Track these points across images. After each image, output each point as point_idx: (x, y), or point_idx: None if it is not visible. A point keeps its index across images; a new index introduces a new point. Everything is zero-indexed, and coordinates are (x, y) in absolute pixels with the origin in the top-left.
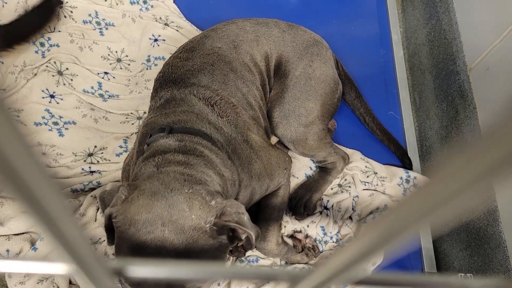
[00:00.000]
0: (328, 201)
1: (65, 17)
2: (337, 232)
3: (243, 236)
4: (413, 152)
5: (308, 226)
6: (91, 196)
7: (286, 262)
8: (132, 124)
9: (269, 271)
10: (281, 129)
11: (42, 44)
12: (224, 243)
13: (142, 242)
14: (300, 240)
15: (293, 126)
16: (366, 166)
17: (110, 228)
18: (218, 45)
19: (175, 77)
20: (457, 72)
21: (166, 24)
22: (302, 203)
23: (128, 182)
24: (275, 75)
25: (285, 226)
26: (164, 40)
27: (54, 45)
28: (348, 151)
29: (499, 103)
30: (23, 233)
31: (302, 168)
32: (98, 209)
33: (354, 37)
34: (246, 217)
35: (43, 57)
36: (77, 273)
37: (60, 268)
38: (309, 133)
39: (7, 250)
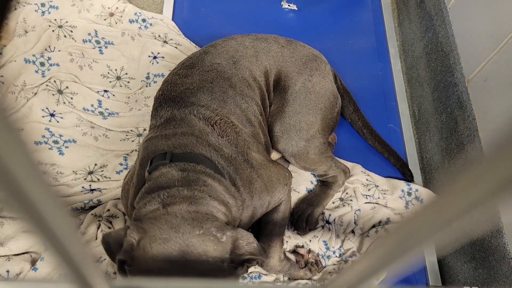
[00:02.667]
0: (330, 215)
1: (65, 36)
2: (340, 247)
3: (255, 262)
4: (413, 164)
5: (310, 241)
6: (92, 214)
7: (289, 278)
8: (132, 141)
9: (272, 287)
10: (282, 144)
11: (42, 64)
12: (240, 272)
13: None
14: (302, 256)
15: (294, 140)
16: (367, 179)
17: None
18: (218, 61)
19: (175, 95)
20: (455, 84)
21: (165, 42)
22: (304, 217)
23: (134, 223)
24: (275, 90)
25: (287, 242)
26: (163, 57)
27: (54, 65)
28: (349, 164)
29: (498, 114)
30: (23, 253)
31: (303, 182)
32: (98, 228)
33: (352, 51)
34: (256, 244)
35: (43, 76)
36: None
37: None
38: (310, 147)
39: (7, 271)
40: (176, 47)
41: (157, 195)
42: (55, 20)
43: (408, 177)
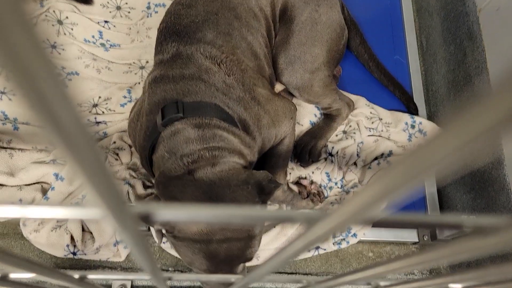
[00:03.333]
0: (333, 147)
1: None
2: (342, 178)
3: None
4: (419, 97)
5: (313, 172)
6: (99, 147)
7: (292, 208)
8: (135, 74)
9: (286, 213)
10: (286, 76)
11: None
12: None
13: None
14: (305, 187)
15: (298, 73)
16: (371, 112)
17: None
18: None
19: (179, 29)
20: (467, 13)
21: None
22: (307, 150)
23: (163, 191)
24: (280, 20)
25: (290, 173)
26: None
27: None
28: (353, 97)
29: (510, 46)
30: (34, 184)
31: (306, 115)
32: (105, 160)
33: None
34: (272, 179)
35: (42, 6)
36: (105, 217)
37: (90, 212)
38: (315, 80)
39: (20, 200)
40: None
41: (179, 159)
42: None
43: (412, 110)
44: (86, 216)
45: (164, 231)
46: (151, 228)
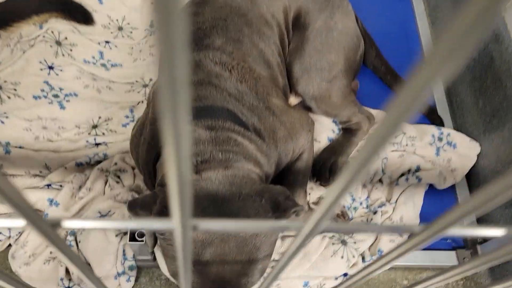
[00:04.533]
0: None
1: None
2: (367, 197)
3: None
4: (443, 110)
5: None
6: (98, 169)
7: None
8: (138, 92)
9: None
10: (302, 85)
11: None
12: None
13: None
14: None
15: (315, 81)
16: None
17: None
18: None
19: None
20: None
21: None
22: (327, 167)
23: (162, 189)
24: (294, 28)
25: (309, 194)
26: None
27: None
28: (373, 111)
29: None
30: None
31: (324, 131)
32: (106, 183)
33: None
34: (291, 196)
35: (41, 28)
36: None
37: (13, 222)
38: (333, 89)
39: (9, 229)
40: None
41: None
42: None
43: (438, 124)
44: (10, 225)
45: (157, 234)
46: (146, 235)
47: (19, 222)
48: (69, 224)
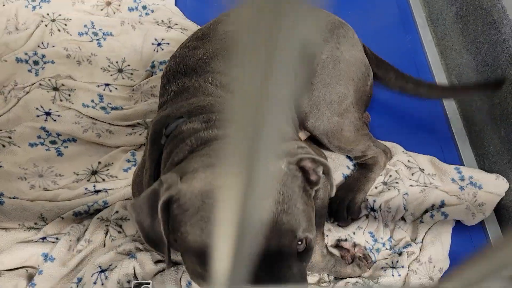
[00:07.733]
0: (374, 201)
1: (59, 31)
2: (390, 237)
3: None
4: (462, 142)
5: (354, 233)
6: (98, 218)
7: (335, 277)
8: (140, 134)
9: None
10: (311, 120)
11: (36, 63)
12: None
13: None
14: (348, 250)
15: (325, 116)
16: (409, 161)
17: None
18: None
19: (185, 67)
20: (504, 40)
21: (169, 27)
22: (344, 206)
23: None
24: None
25: (327, 236)
26: (168, 43)
27: (48, 62)
28: (388, 144)
29: None
30: (17, 268)
31: (338, 168)
32: (106, 233)
33: (374, 26)
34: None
35: (37, 75)
36: None
37: None
38: (344, 123)
39: None
40: (182, 32)
41: (185, 144)
42: (48, 14)
43: (498, 84)
44: None
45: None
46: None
47: None
48: None
